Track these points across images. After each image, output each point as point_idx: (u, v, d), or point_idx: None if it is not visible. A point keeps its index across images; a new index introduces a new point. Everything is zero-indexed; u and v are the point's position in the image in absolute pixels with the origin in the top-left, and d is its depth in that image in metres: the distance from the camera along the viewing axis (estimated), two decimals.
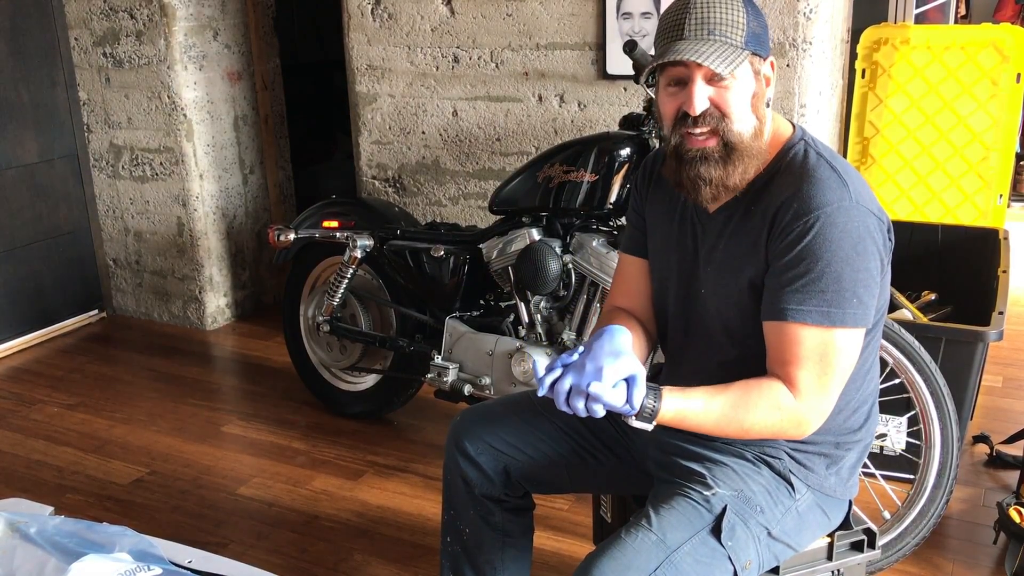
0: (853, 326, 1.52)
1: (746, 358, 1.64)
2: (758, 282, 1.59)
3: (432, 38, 3.51)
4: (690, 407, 1.51)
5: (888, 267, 1.62)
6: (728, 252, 1.64)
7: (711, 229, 1.67)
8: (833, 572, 1.77)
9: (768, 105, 1.61)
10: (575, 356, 1.50)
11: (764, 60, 1.58)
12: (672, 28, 1.54)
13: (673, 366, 1.82)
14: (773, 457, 1.66)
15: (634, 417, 1.48)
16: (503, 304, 2.96)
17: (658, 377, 1.91)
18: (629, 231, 1.90)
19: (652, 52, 1.66)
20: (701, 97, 1.54)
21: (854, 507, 1.81)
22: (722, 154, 1.56)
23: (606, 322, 1.82)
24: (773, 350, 1.56)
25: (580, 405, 1.45)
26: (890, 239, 1.61)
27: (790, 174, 1.58)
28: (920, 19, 4.17)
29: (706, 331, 1.70)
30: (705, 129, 1.55)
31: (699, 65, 1.51)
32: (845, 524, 1.77)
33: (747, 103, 1.56)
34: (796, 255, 1.52)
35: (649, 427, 1.50)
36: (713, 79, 1.53)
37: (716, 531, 1.55)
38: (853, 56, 3.60)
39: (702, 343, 1.72)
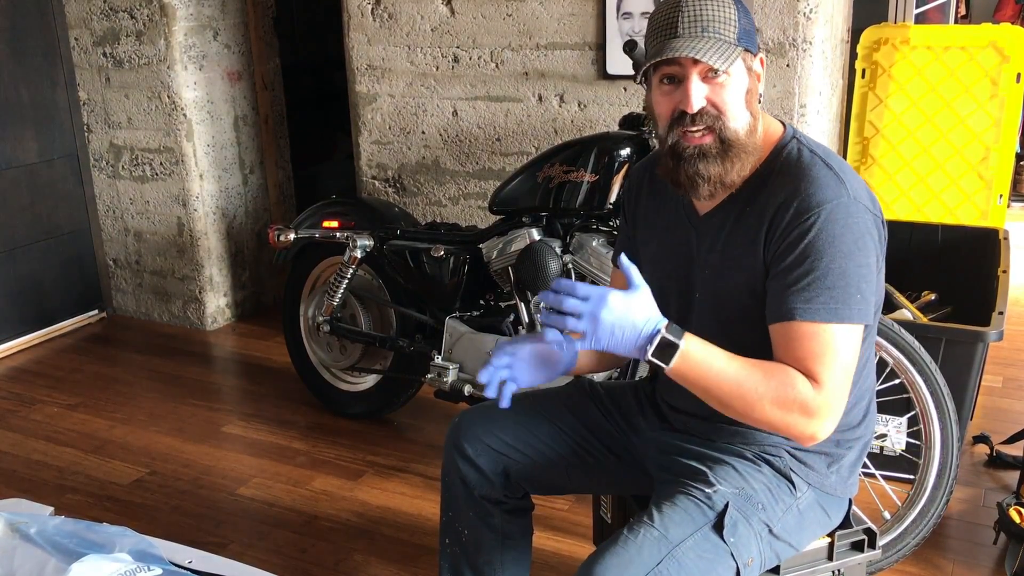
0: (858, 322, 1.52)
1: None
2: (755, 283, 1.59)
3: (432, 38, 3.51)
4: (712, 355, 1.49)
5: (883, 263, 1.62)
6: (725, 254, 1.63)
7: (706, 232, 1.67)
8: (833, 572, 1.77)
9: (759, 102, 1.62)
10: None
11: (755, 56, 1.59)
12: (665, 27, 1.54)
13: None
14: (774, 456, 1.66)
15: (652, 350, 1.45)
16: (503, 304, 2.96)
17: (655, 380, 1.90)
18: (617, 244, 1.91)
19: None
20: (698, 94, 1.53)
21: (854, 507, 1.81)
22: (719, 150, 1.55)
23: None
24: (782, 352, 1.53)
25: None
26: (884, 235, 1.61)
27: (786, 174, 1.58)
28: (920, 19, 4.17)
29: (706, 336, 1.70)
30: (702, 127, 1.55)
31: (694, 62, 1.51)
32: (845, 523, 1.77)
33: (742, 99, 1.56)
34: (799, 254, 1.51)
35: (666, 367, 1.47)
36: (708, 76, 1.53)
37: (718, 527, 1.55)
38: (853, 56, 3.60)
39: None
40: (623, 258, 1.51)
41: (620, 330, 1.45)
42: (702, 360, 1.48)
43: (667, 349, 1.46)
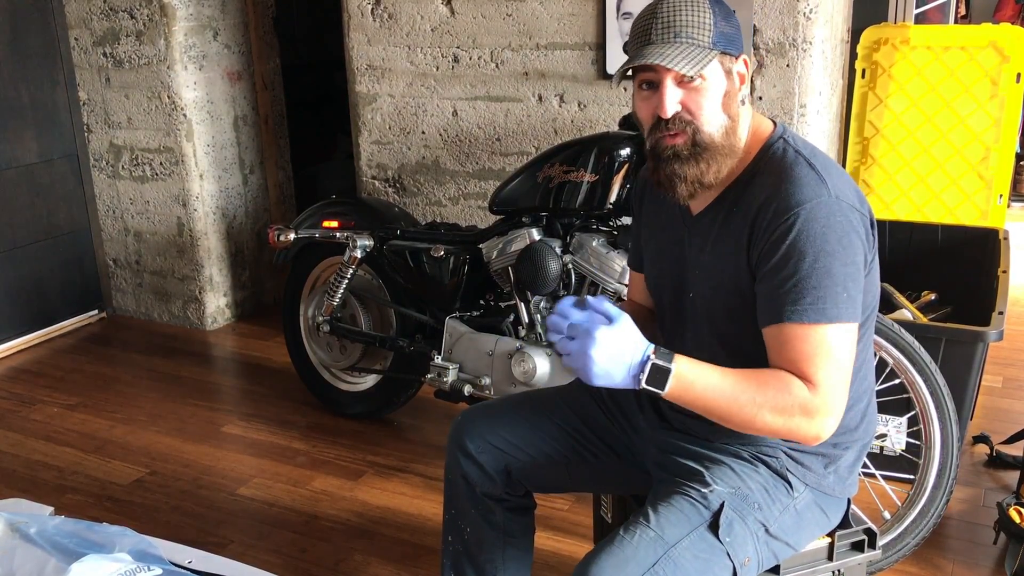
0: (848, 321, 1.51)
1: (742, 365, 1.63)
2: (743, 284, 1.59)
3: (432, 38, 3.51)
4: (705, 373, 1.49)
5: (875, 262, 1.62)
6: (714, 255, 1.64)
7: (697, 233, 1.68)
8: (834, 572, 1.77)
9: (744, 103, 1.62)
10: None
11: (736, 59, 1.59)
12: (641, 34, 1.56)
13: None
14: (770, 456, 1.66)
15: (644, 377, 1.46)
16: (503, 304, 2.96)
17: None
18: (632, 247, 1.96)
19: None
20: (671, 100, 1.55)
21: (854, 507, 1.81)
22: (691, 151, 1.57)
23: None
24: (775, 355, 1.53)
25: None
26: (873, 234, 1.61)
27: (769, 174, 1.58)
28: (920, 19, 4.17)
29: (699, 337, 1.71)
30: (677, 130, 1.57)
31: (667, 68, 1.53)
32: (844, 523, 1.77)
33: (718, 103, 1.57)
34: (782, 256, 1.51)
35: (662, 392, 1.47)
36: (683, 81, 1.55)
37: (714, 527, 1.55)
38: (853, 56, 3.60)
39: (697, 350, 1.71)
40: (589, 299, 1.54)
41: (611, 362, 1.45)
42: (696, 379, 1.48)
43: (659, 373, 1.46)
